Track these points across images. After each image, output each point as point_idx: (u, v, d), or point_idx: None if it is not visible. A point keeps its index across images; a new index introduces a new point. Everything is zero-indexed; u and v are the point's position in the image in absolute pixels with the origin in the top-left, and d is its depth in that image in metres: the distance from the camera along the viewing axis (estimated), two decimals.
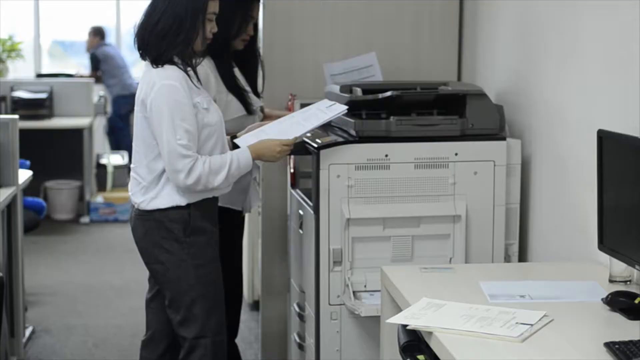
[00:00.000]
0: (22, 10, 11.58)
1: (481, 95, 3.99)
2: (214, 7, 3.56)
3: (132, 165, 3.68)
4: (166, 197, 3.56)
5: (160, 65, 3.53)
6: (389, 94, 3.88)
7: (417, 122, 3.91)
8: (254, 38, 4.28)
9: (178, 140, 3.43)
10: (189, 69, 3.55)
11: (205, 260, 3.62)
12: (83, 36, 11.26)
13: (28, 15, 11.60)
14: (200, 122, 3.52)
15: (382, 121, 3.89)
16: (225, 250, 4.31)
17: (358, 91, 4.05)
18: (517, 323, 2.65)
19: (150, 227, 3.62)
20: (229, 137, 3.81)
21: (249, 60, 4.33)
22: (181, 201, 3.55)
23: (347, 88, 4.07)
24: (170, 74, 3.49)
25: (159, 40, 3.52)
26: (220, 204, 4.20)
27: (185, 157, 3.44)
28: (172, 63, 3.53)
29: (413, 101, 3.98)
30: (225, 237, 4.29)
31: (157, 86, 3.48)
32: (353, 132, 3.86)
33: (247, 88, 4.25)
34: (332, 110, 3.83)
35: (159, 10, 3.53)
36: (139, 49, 3.64)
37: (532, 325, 2.64)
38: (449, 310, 2.78)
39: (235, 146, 3.78)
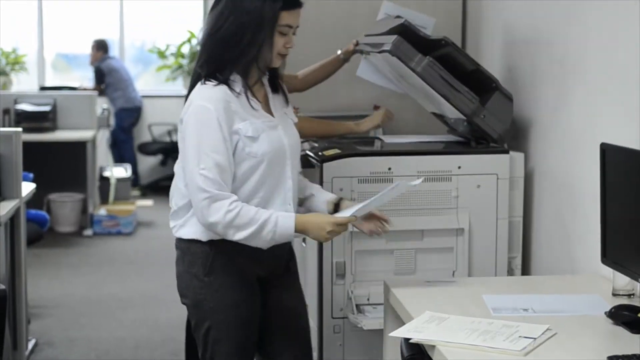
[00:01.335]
0: (25, 23, 11.62)
1: (509, 99, 4.02)
2: (288, 18, 3.06)
3: (171, 187, 3.29)
4: (190, 228, 3.16)
5: (206, 82, 3.08)
6: (441, 36, 3.93)
7: (444, 76, 3.92)
8: None
9: (201, 170, 2.99)
10: (242, 89, 3.09)
11: (225, 305, 3.16)
12: (87, 49, 11.30)
13: (32, 28, 11.63)
14: (241, 152, 3.05)
15: (419, 54, 3.90)
16: None
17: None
18: (520, 337, 2.65)
19: (178, 256, 3.28)
20: (332, 201, 3.33)
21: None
22: (202, 236, 3.13)
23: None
24: (210, 94, 3.05)
25: (219, 52, 3.07)
26: None
27: (203, 191, 2.99)
28: (225, 82, 3.07)
29: (456, 60, 4.00)
30: None
31: (192, 106, 3.06)
32: (388, 47, 3.86)
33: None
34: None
35: (223, 17, 3.07)
36: (199, 65, 3.14)
37: (535, 339, 2.64)
38: (452, 324, 2.78)
39: (337, 204, 3.33)
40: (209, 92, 3.05)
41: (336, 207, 3.29)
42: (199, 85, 3.09)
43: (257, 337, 3.25)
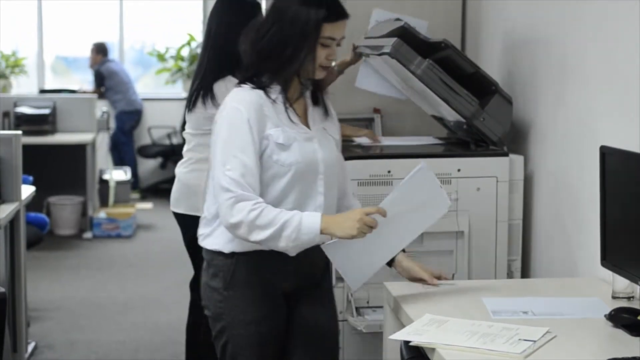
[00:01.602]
0: (25, 26, 11.62)
1: (508, 101, 4.02)
2: (331, 31, 2.96)
3: (205, 192, 3.18)
4: (215, 238, 3.07)
5: (242, 86, 3.03)
6: (441, 39, 3.93)
7: (444, 78, 3.93)
8: None
9: (227, 171, 2.91)
10: (279, 97, 3.01)
11: (243, 321, 3.06)
12: (86, 52, 11.31)
13: (31, 31, 11.64)
14: (268, 158, 2.97)
15: (419, 57, 3.91)
16: None
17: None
18: (520, 339, 2.65)
19: (204, 266, 3.15)
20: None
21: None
22: (225, 248, 3.05)
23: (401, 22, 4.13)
24: (243, 96, 2.99)
25: (260, 60, 3.00)
26: None
27: (227, 191, 2.90)
28: (262, 87, 3.00)
29: (456, 62, 4.01)
30: None
31: (225, 108, 3.01)
32: (387, 50, 3.87)
33: None
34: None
35: (266, 27, 3.00)
36: (243, 69, 3.08)
37: (535, 341, 2.64)
38: (452, 327, 2.78)
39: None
40: (243, 95, 2.99)
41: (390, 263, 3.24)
42: (235, 88, 3.04)
43: (280, 353, 3.14)
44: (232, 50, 4.13)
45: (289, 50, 2.94)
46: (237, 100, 2.98)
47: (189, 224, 4.32)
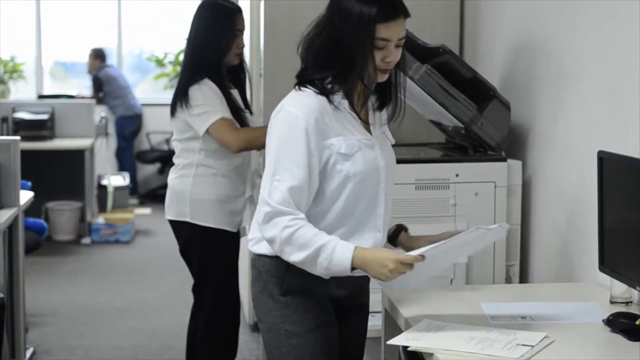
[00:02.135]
0: (23, 31, 11.63)
1: (506, 107, 4.03)
2: (385, 32, 2.74)
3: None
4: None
5: (301, 89, 2.83)
6: (439, 44, 3.94)
7: (442, 84, 3.94)
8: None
9: (275, 181, 2.74)
10: (341, 102, 2.82)
11: (304, 329, 2.87)
12: (85, 57, 11.31)
13: (30, 37, 11.65)
14: (332, 168, 2.79)
15: (417, 62, 3.92)
16: (221, 271, 4.33)
17: None
18: (518, 344, 2.65)
19: (254, 276, 2.96)
20: (391, 230, 3.09)
21: (239, 74, 4.39)
22: None
23: None
24: (304, 102, 2.78)
25: (318, 63, 2.81)
26: (213, 225, 4.22)
27: (267, 204, 2.73)
28: (325, 92, 2.80)
29: (454, 68, 4.01)
30: (220, 258, 4.31)
31: (282, 112, 2.81)
32: None
33: (242, 106, 4.31)
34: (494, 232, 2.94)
35: (319, 29, 2.81)
36: (301, 70, 2.88)
37: (533, 346, 2.64)
38: (450, 332, 2.78)
39: (396, 233, 3.10)
40: (303, 100, 2.79)
41: (393, 239, 3.09)
42: (293, 92, 2.85)
43: None
44: (209, 54, 4.21)
45: (345, 53, 2.75)
46: (297, 105, 2.78)
47: (178, 230, 4.34)
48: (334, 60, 2.77)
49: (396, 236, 3.10)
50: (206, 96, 4.15)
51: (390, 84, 2.89)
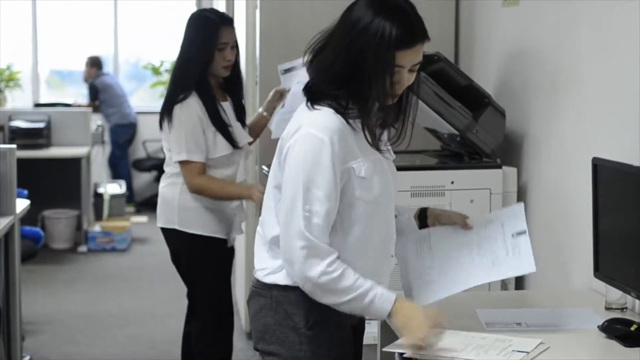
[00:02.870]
0: (20, 39, 11.63)
1: (501, 114, 4.04)
2: (403, 59, 2.57)
3: (260, 218, 2.82)
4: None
5: (317, 108, 2.63)
6: (434, 52, 3.95)
7: (437, 91, 3.95)
8: (236, 63, 4.32)
9: (306, 212, 2.56)
10: (356, 122, 2.64)
11: None
12: (81, 66, 11.31)
13: (26, 45, 11.65)
14: (351, 194, 2.63)
15: None
16: (212, 277, 4.34)
17: None
18: (513, 351, 2.65)
19: (266, 306, 2.72)
20: (416, 215, 3.02)
21: (235, 84, 4.38)
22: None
23: None
24: (325, 123, 2.58)
25: (331, 81, 2.62)
26: (202, 232, 4.23)
27: (303, 238, 2.56)
28: (343, 111, 2.62)
29: (449, 75, 4.03)
30: (210, 264, 4.32)
31: (300, 132, 2.59)
32: None
33: (233, 122, 4.29)
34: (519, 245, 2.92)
35: (333, 42, 2.62)
36: (312, 86, 2.68)
37: (528, 352, 2.65)
38: (446, 338, 2.78)
39: (422, 215, 3.04)
40: (324, 121, 2.59)
41: (422, 220, 3.00)
42: (308, 109, 2.64)
43: None
44: (192, 68, 4.21)
45: (362, 76, 2.56)
46: (317, 125, 2.58)
47: (168, 237, 4.36)
48: (349, 80, 2.58)
49: (425, 217, 3.02)
50: (182, 122, 4.17)
51: (398, 104, 2.71)
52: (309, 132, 2.57)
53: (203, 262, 4.31)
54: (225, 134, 4.21)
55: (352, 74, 2.57)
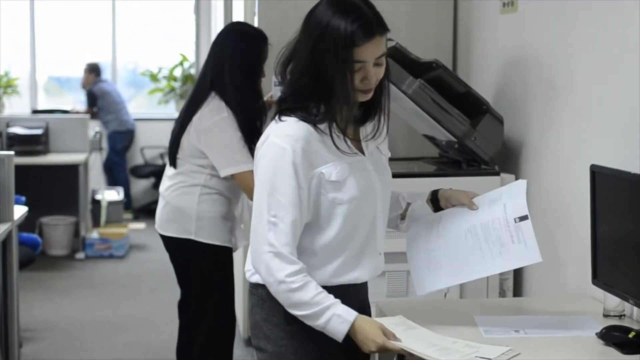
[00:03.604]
0: (18, 46, 11.63)
1: (499, 121, 4.05)
2: (360, 54, 2.60)
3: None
4: None
5: (284, 118, 2.69)
6: (432, 59, 3.95)
7: (435, 98, 3.95)
8: None
9: (271, 217, 2.64)
10: (327, 127, 2.67)
11: (308, 357, 2.78)
12: (79, 72, 11.31)
13: (24, 52, 11.65)
14: (324, 197, 2.68)
15: (410, 77, 3.92)
16: (222, 287, 4.33)
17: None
18: (476, 357, 2.63)
19: (255, 304, 2.82)
20: (429, 199, 3.01)
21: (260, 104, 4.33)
22: None
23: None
24: (288, 132, 2.65)
25: (298, 92, 2.69)
26: (218, 242, 4.22)
27: (268, 244, 2.64)
28: (309, 118, 2.67)
29: (447, 82, 4.03)
30: (222, 274, 4.31)
31: (267, 142, 2.69)
32: None
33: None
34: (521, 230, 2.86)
35: (295, 52, 2.69)
36: (282, 96, 2.76)
37: (490, 359, 2.63)
38: (418, 334, 2.74)
39: (434, 198, 3.02)
40: (287, 130, 2.66)
41: (435, 203, 2.99)
42: (275, 122, 2.70)
43: None
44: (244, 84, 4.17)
45: (324, 80, 2.61)
46: (281, 136, 2.65)
47: (178, 247, 4.33)
48: (313, 87, 2.64)
49: (437, 200, 3.02)
50: (228, 136, 4.13)
51: (374, 99, 2.74)
52: (273, 141, 2.66)
53: (215, 272, 4.30)
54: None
55: (316, 79, 2.62)
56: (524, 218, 2.83)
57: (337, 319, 2.61)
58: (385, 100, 2.78)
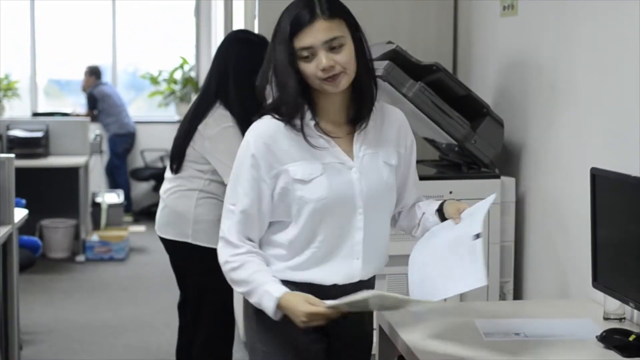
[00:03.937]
0: (18, 49, 11.63)
1: (500, 124, 4.05)
2: (302, 40, 2.64)
3: None
4: None
5: (261, 119, 2.76)
6: (432, 62, 3.95)
7: (436, 101, 3.95)
8: None
9: (230, 205, 2.76)
10: (306, 122, 2.71)
11: (275, 349, 2.79)
12: (79, 75, 11.32)
13: (24, 54, 11.66)
14: (290, 194, 2.69)
15: (410, 80, 3.92)
16: (220, 290, 4.33)
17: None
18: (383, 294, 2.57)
19: (244, 299, 2.88)
20: (437, 209, 2.92)
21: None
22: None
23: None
24: (258, 127, 2.75)
25: (275, 92, 2.74)
26: (202, 243, 4.21)
27: (221, 230, 2.78)
28: (284, 117, 2.70)
29: (447, 85, 4.03)
30: (220, 277, 4.31)
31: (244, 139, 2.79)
32: (379, 73, 3.86)
33: None
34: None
35: (267, 62, 2.77)
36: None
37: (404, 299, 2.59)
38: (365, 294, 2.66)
39: (440, 209, 2.91)
40: (257, 126, 2.74)
41: (441, 213, 2.89)
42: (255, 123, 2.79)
43: None
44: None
45: (276, 74, 2.68)
46: (250, 131, 2.75)
47: (176, 250, 4.33)
48: (277, 85, 2.70)
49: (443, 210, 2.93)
50: (233, 144, 4.09)
51: (359, 90, 2.74)
52: (245, 137, 2.76)
53: (212, 274, 4.28)
54: None
55: (275, 75, 2.69)
56: (478, 236, 2.69)
57: (267, 295, 2.66)
58: (367, 88, 2.75)
